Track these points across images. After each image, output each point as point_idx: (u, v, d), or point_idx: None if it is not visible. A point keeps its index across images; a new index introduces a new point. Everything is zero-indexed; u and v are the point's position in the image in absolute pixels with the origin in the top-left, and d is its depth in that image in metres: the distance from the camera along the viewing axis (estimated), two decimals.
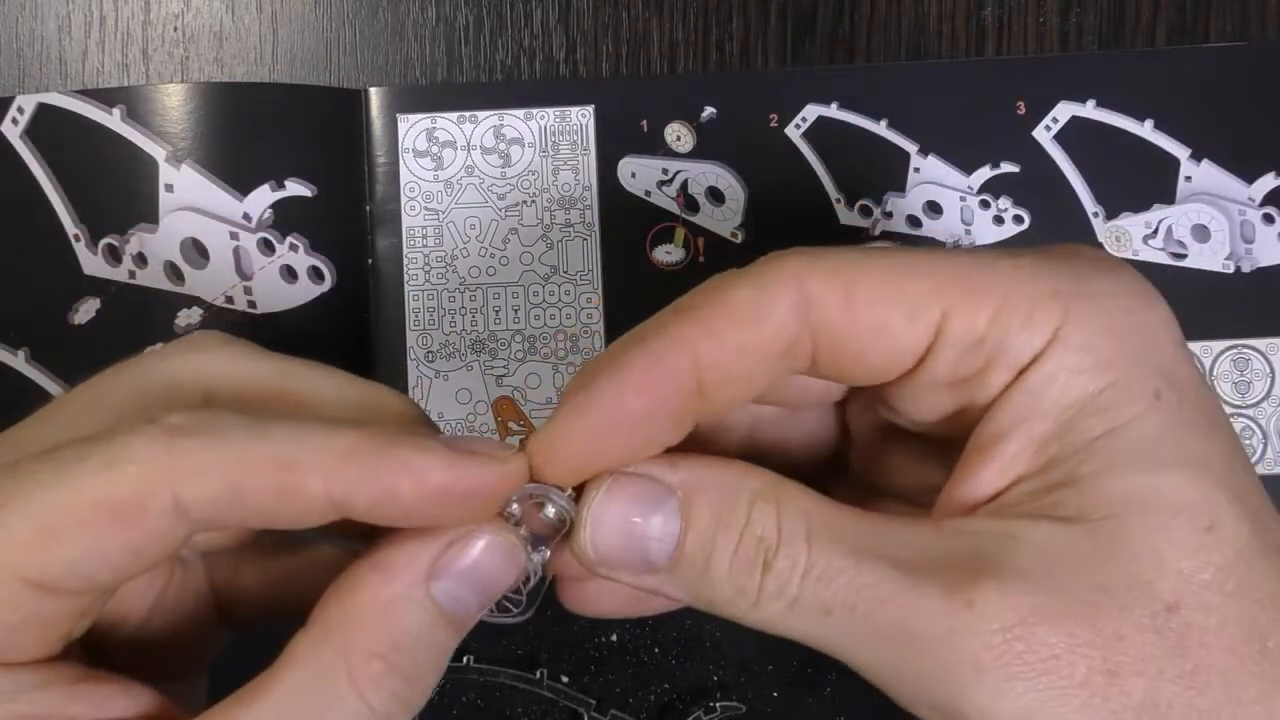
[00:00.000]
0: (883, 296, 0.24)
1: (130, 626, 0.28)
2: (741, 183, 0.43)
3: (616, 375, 0.24)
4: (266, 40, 0.45)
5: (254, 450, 0.23)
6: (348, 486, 0.23)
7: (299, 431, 0.23)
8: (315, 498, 0.23)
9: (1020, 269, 0.24)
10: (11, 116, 0.42)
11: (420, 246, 0.43)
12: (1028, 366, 0.23)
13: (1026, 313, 0.23)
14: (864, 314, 0.24)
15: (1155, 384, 0.23)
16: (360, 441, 0.23)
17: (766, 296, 0.24)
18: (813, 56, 0.44)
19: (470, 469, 0.23)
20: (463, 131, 0.43)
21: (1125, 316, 0.24)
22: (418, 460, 0.23)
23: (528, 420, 0.43)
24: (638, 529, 0.25)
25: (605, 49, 0.44)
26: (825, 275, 0.24)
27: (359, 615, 0.23)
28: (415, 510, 0.23)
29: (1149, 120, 0.43)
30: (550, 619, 0.43)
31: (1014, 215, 0.43)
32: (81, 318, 0.42)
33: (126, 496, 0.22)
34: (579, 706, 0.42)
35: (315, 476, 0.23)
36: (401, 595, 0.24)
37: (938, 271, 0.24)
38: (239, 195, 0.42)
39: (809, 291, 0.24)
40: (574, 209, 0.43)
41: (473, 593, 0.25)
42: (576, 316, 0.43)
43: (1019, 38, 0.44)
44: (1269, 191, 0.43)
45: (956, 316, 0.23)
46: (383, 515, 0.23)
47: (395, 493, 0.23)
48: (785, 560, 0.24)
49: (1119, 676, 0.22)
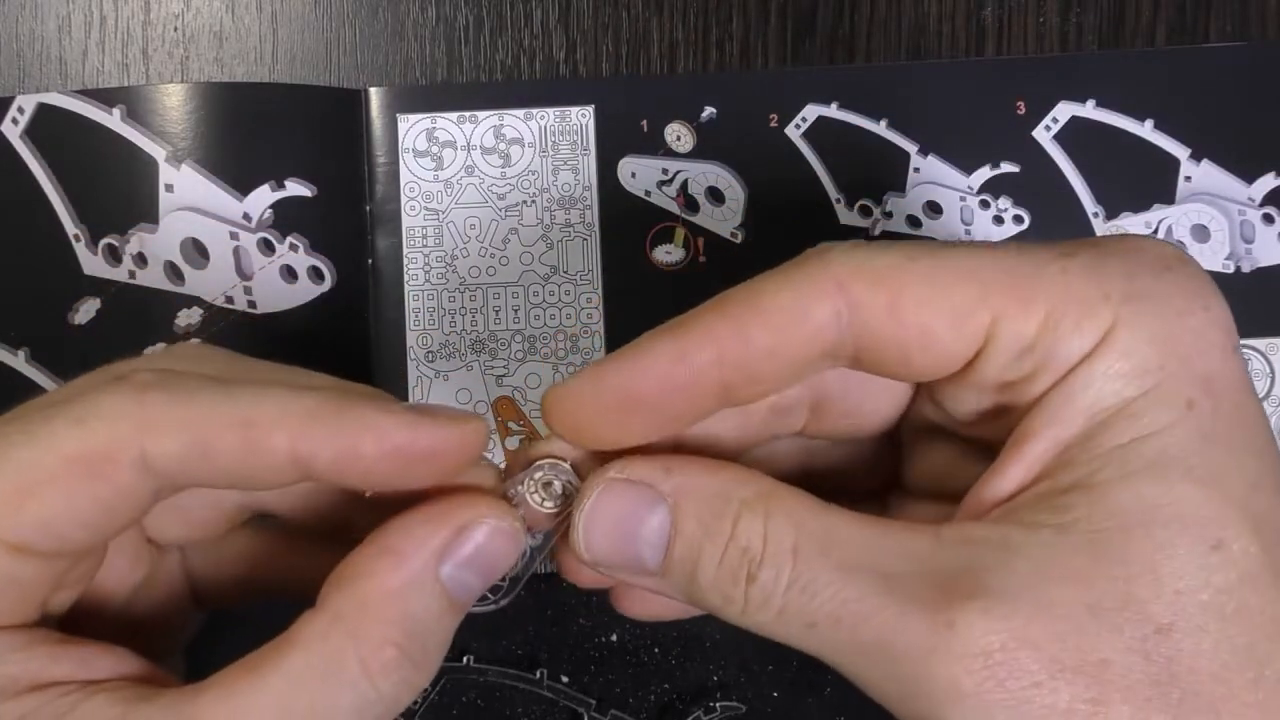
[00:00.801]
0: (930, 303, 0.23)
1: (112, 609, 0.28)
2: (741, 183, 0.43)
3: (638, 360, 0.24)
4: (266, 40, 0.45)
5: (221, 407, 0.23)
6: (311, 444, 0.23)
7: (264, 391, 0.24)
8: (279, 455, 0.23)
9: (1071, 272, 0.23)
10: (11, 116, 0.42)
11: (420, 246, 0.43)
12: (1071, 370, 0.23)
13: (1076, 318, 0.23)
14: (910, 321, 0.23)
15: (1191, 392, 0.23)
16: (325, 401, 0.23)
17: (805, 302, 0.23)
18: (813, 56, 0.44)
19: (431, 429, 0.24)
20: (463, 131, 0.43)
21: (1174, 320, 0.23)
22: (380, 420, 0.23)
23: (528, 420, 0.43)
24: (630, 532, 0.25)
25: (605, 49, 0.44)
26: (870, 281, 0.23)
27: (370, 601, 0.24)
28: (376, 469, 0.24)
29: (1149, 120, 0.43)
30: (550, 619, 0.43)
31: (1014, 215, 0.43)
32: (81, 318, 0.42)
33: (96, 450, 0.23)
34: (579, 706, 0.42)
35: (280, 434, 0.23)
36: (412, 581, 0.24)
37: (986, 274, 0.23)
38: (239, 195, 0.42)
39: (852, 297, 0.23)
40: (574, 209, 0.43)
41: (477, 576, 0.25)
42: (576, 316, 0.43)
43: (1019, 38, 0.44)
44: (1269, 191, 0.43)
45: (1006, 323, 0.23)
46: (344, 474, 0.24)
47: (357, 451, 0.23)
48: (769, 571, 0.23)
49: (1103, 705, 0.21)
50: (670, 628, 0.42)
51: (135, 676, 0.24)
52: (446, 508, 0.25)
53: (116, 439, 0.23)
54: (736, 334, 0.23)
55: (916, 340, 0.23)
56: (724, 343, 0.24)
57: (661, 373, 0.24)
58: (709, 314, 0.24)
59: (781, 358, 0.24)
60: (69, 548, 0.24)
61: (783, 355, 0.24)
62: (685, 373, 0.24)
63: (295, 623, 0.24)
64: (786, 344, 0.23)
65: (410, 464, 0.24)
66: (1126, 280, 0.23)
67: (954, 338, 0.23)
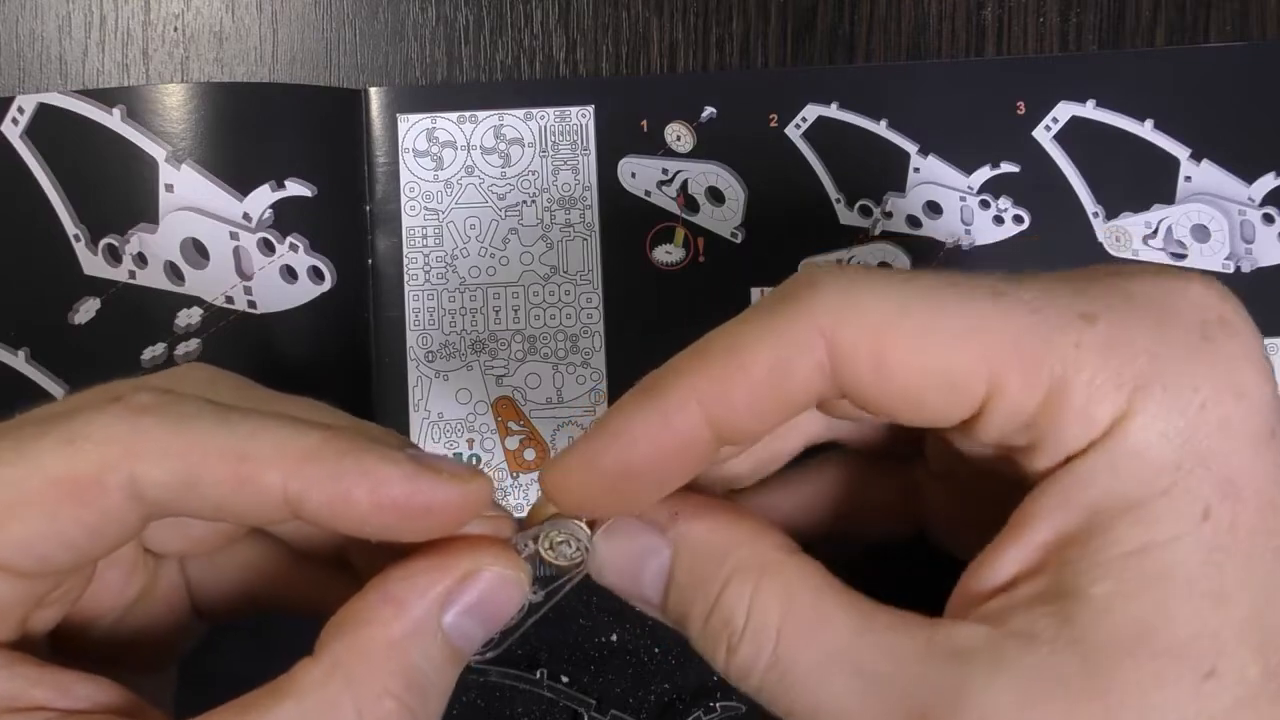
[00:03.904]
0: (919, 368, 0.21)
1: (104, 624, 0.27)
2: (741, 183, 0.43)
3: (623, 432, 0.23)
4: (266, 40, 0.45)
5: (216, 438, 0.22)
6: (303, 486, 0.22)
7: (263, 424, 0.23)
8: (270, 493, 0.22)
9: (1085, 346, 0.21)
10: (11, 116, 0.42)
11: (420, 246, 0.43)
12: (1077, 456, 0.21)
13: (1084, 402, 0.21)
14: (898, 382, 0.22)
15: (1208, 500, 0.21)
16: (325, 442, 0.23)
17: (787, 356, 0.22)
18: (813, 56, 0.44)
19: (431, 485, 0.23)
20: (463, 131, 0.43)
21: (1196, 414, 0.21)
22: (380, 469, 0.22)
23: (528, 420, 0.43)
24: (635, 570, 0.25)
25: (605, 49, 0.44)
26: (856, 334, 0.21)
27: (370, 651, 0.23)
28: (369, 520, 0.23)
29: (1149, 120, 0.43)
30: (550, 619, 0.43)
31: (1014, 215, 0.43)
32: (81, 318, 0.42)
33: (83, 473, 0.22)
34: (579, 706, 0.42)
35: (273, 471, 0.22)
36: (414, 630, 0.23)
37: (987, 337, 0.21)
38: (239, 195, 0.42)
39: (836, 349, 0.22)
40: (574, 209, 0.43)
41: (479, 625, 0.24)
42: (576, 316, 0.43)
43: (1019, 38, 0.44)
44: (1269, 191, 0.43)
45: (1003, 394, 0.21)
46: (335, 520, 0.23)
47: (350, 499, 0.22)
48: (749, 648, 0.23)
49: None
50: (670, 628, 0.42)
51: (116, 708, 0.24)
52: (451, 553, 0.24)
53: (105, 462, 0.22)
54: (717, 395, 0.22)
55: (903, 402, 0.22)
56: (706, 403, 0.22)
57: (649, 442, 0.23)
58: (688, 371, 0.22)
59: (768, 413, 0.22)
60: (51, 568, 0.23)
61: (768, 410, 0.22)
62: (673, 438, 0.22)
63: (293, 669, 0.23)
64: (770, 400, 0.22)
65: (406, 518, 0.23)
66: (1150, 358, 0.21)
67: (945, 403, 0.22)
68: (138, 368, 0.42)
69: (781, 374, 0.22)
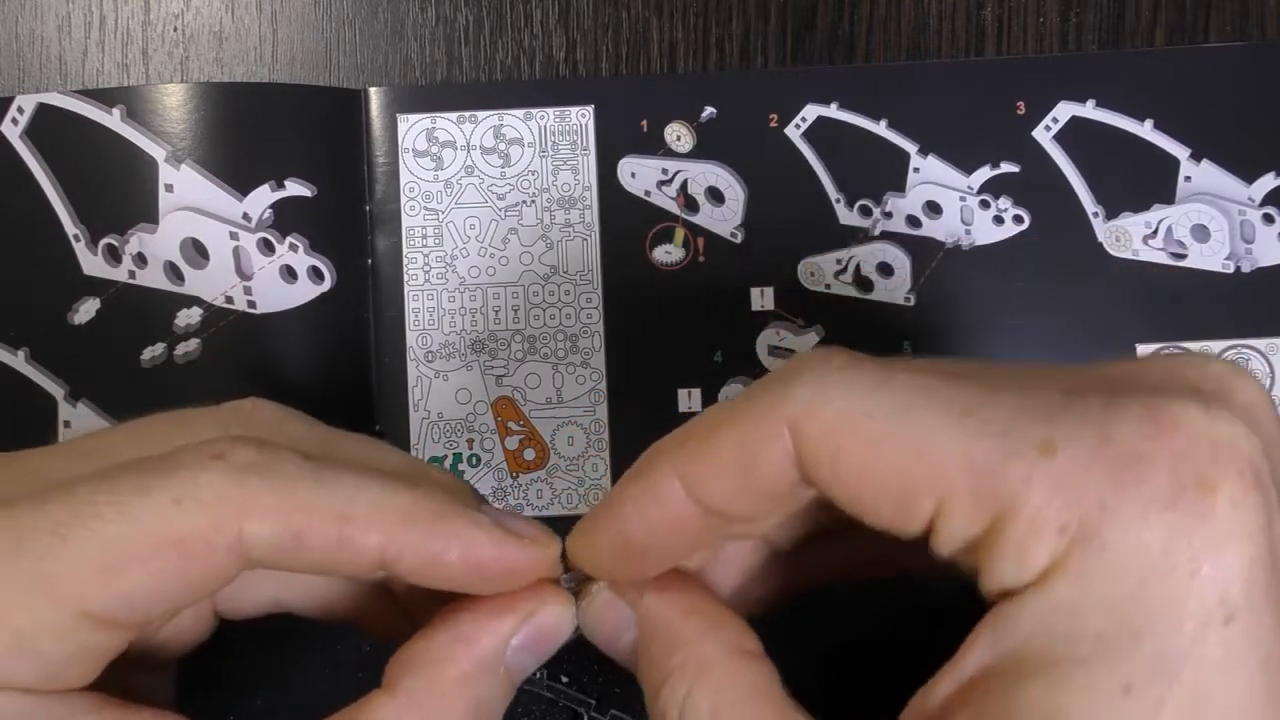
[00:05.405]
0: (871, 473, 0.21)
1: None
2: (741, 183, 0.43)
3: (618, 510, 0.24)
4: (266, 40, 0.45)
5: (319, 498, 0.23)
6: (401, 548, 0.24)
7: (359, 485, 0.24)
8: (368, 553, 0.24)
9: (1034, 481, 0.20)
10: (11, 116, 0.42)
11: (420, 246, 0.43)
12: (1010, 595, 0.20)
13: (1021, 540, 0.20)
14: (851, 485, 0.22)
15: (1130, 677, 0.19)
16: (416, 504, 0.24)
17: (753, 447, 0.22)
18: (813, 56, 0.44)
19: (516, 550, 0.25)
20: (463, 131, 0.43)
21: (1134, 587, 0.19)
22: (469, 534, 0.24)
23: (528, 420, 0.43)
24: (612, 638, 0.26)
25: (605, 49, 0.44)
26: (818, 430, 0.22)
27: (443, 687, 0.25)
28: (457, 578, 0.24)
29: (1149, 120, 0.43)
30: None
31: (1014, 215, 0.43)
32: (81, 318, 0.42)
33: (194, 534, 0.23)
34: (579, 706, 0.42)
35: (374, 533, 0.23)
36: (482, 668, 0.25)
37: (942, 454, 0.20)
38: (239, 195, 0.42)
39: (800, 443, 0.22)
40: (574, 209, 0.43)
41: (533, 657, 0.26)
42: (576, 316, 0.43)
43: (1019, 38, 0.44)
44: (1269, 191, 0.43)
45: (948, 517, 0.21)
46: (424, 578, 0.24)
47: (442, 561, 0.24)
48: None
49: None
50: None
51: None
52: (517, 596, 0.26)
53: (215, 524, 0.23)
54: (693, 476, 0.23)
55: (858, 505, 0.22)
56: (690, 485, 0.23)
57: (640, 519, 0.24)
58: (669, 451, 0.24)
59: (740, 495, 0.23)
60: (147, 619, 0.24)
61: (740, 493, 0.23)
62: (661, 514, 0.24)
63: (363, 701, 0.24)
64: (740, 484, 0.23)
65: (490, 578, 0.25)
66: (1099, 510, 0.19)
67: (894, 514, 0.22)
68: (138, 368, 0.42)
69: (749, 459, 0.22)
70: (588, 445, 0.43)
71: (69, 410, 0.42)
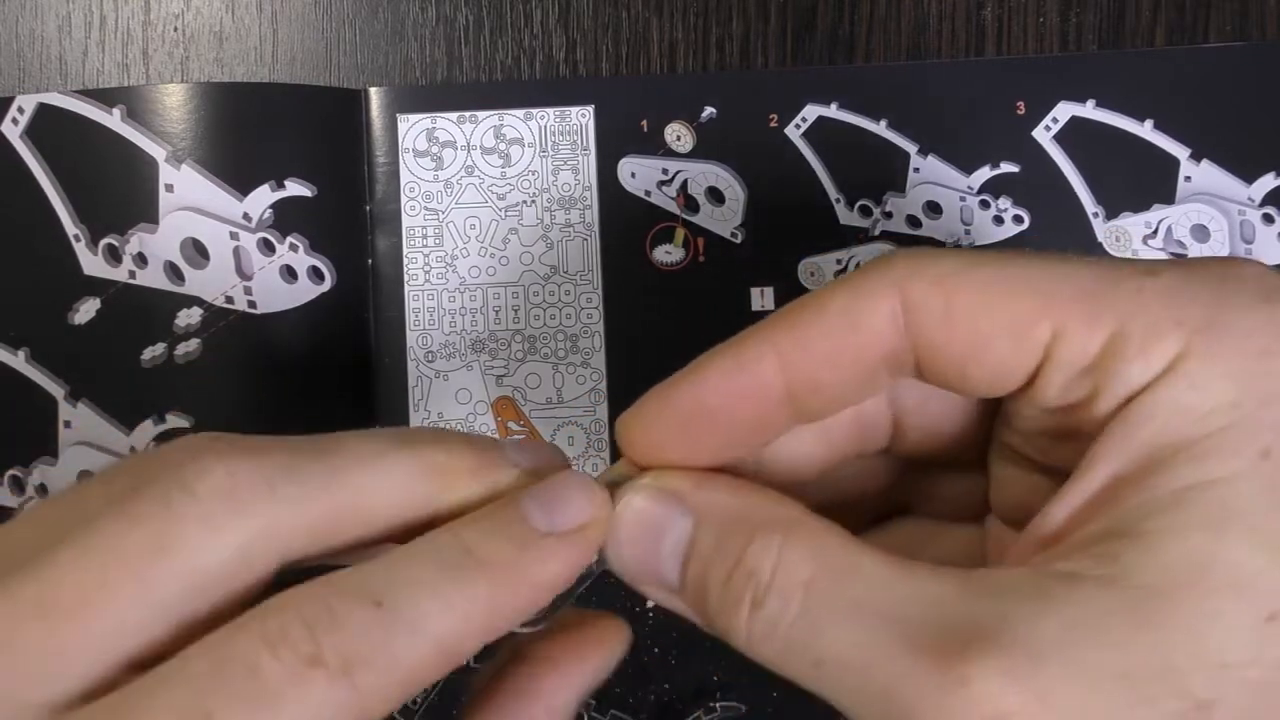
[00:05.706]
0: (986, 311, 0.22)
1: None
2: (741, 183, 0.43)
3: (700, 372, 0.24)
4: (266, 40, 0.45)
5: None
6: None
7: None
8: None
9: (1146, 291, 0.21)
10: (11, 116, 0.42)
11: (420, 246, 0.43)
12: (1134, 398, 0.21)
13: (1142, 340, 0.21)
14: (964, 329, 0.22)
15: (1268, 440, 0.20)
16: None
17: (861, 304, 0.23)
18: (813, 56, 0.44)
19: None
20: (463, 131, 0.43)
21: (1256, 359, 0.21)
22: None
23: (528, 420, 0.43)
24: (653, 544, 0.24)
25: (605, 49, 0.44)
26: (927, 284, 0.22)
27: None
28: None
29: (1149, 120, 0.43)
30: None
31: (1014, 215, 0.43)
32: (81, 318, 0.42)
33: None
34: None
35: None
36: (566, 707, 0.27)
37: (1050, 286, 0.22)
38: (239, 195, 0.42)
39: (908, 300, 0.22)
40: (574, 209, 0.43)
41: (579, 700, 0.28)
42: (576, 316, 0.43)
43: (1019, 38, 0.44)
44: (1269, 191, 0.43)
45: (1066, 339, 0.22)
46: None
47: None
48: (776, 601, 0.22)
49: None
50: (670, 628, 0.42)
51: None
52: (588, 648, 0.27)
53: None
54: (794, 339, 0.23)
55: (971, 350, 0.22)
56: (782, 348, 0.23)
57: (723, 382, 0.23)
58: (769, 322, 0.24)
59: (841, 363, 0.23)
60: None
61: (842, 360, 0.23)
62: (747, 381, 0.23)
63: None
64: (844, 348, 0.23)
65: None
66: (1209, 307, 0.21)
67: (1010, 350, 0.22)
68: (138, 368, 0.42)
69: (856, 320, 0.23)
70: (588, 445, 0.43)
71: (69, 410, 0.42)
